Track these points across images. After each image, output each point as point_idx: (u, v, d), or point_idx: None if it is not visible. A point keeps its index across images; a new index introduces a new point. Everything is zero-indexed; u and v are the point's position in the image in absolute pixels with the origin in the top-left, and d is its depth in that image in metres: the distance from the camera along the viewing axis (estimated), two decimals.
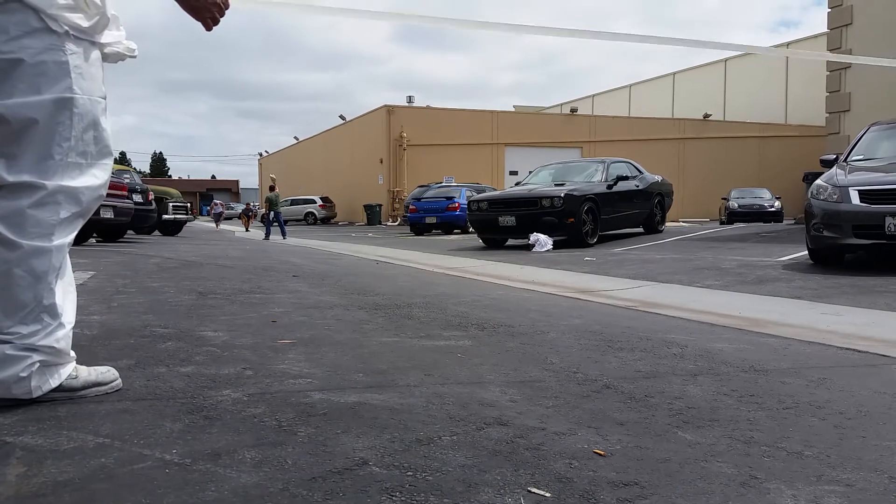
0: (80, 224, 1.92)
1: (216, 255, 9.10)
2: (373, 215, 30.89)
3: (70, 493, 1.30)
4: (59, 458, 1.47)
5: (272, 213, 18.11)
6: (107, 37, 1.96)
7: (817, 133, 26.49)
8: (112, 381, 2.01)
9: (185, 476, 1.39)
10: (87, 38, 1.87)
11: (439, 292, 5.03)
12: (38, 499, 1.27)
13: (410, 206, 21.14)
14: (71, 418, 1.74)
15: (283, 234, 17.98)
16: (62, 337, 1.85)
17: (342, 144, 39.14)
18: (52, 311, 1.82)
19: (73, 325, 1.92)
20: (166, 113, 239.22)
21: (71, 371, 1.91)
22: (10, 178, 1.77)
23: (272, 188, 18.36)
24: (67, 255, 1.94)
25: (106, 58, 2.01)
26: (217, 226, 30.94)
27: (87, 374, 1.96)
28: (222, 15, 2.06)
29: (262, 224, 21.78)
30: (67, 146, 1.82)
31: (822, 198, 6.47)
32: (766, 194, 26.66)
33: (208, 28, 2.07)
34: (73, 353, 1.94)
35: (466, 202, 14.36)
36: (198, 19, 2.04)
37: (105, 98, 1.96)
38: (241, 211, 32.55)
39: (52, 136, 1.80)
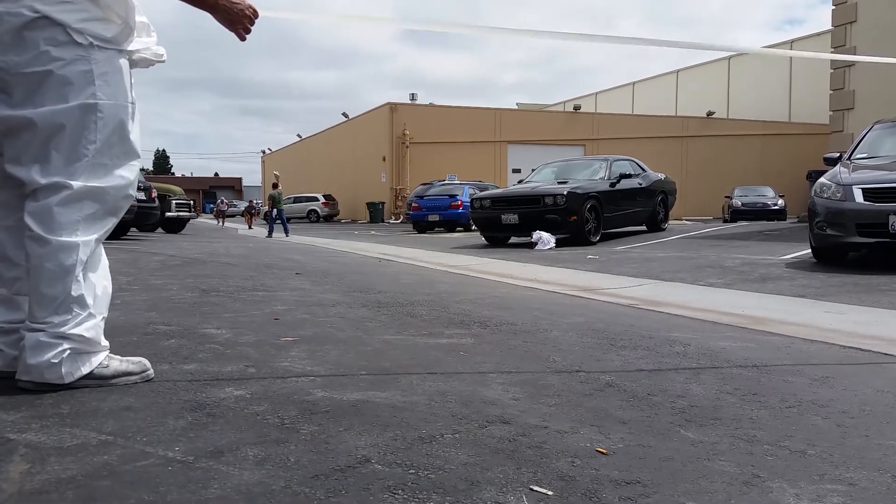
0: (109, 221, 2.05)
1: (219, 252, 9.11)
2: (375, 213, 30.88)
3: (73, 490, 1.30)
4: (62, 456, 1.47)
5: (275, 210, 18.13)
6: (135, 44, 2.08)
7: (821, 131, 26.41)
8: (143, 372, 2.12)
9: (187, 473, 1.39)
10: (112, 47, 1.99)
11: (442, 290, 5.03)
12: (41, 496, 1.28)
13: (413, 204, 21.13)
14: (74, 416, 1.74)
15: (286, 231, 17.96)
16: (92, 326, 1.97)
17: (345, 142, 39.13)
18: (81, 302, 1.94)
19: (104, 316, 2.04)
20: (170, 111, 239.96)
21: (103, 360, 2.02)
22: (43, 181, 1.91)
23: (275, 186, 18.36)
24: (103, 251, 2.08)
25: (135, 64, 2.12)
26: (219, 223, 30.22)
27: (119, 363, 2.07)
28: (253, 24, 2.19)
29: (265, 221, 21.80)
30: (94, 148, 1.96)
31: (825, 196, 6.45)
32: (770, 192, 26.63)
33: (242, 38, 2.22)
34: (105, 343, 2.05)
35: (469, 200, 14.35)
36: (232, 31, 2.17)
37: (133, 103, 2.08)
38: (244, 208, 32.34)
39: (79, 139, 1.93)
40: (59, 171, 1.91)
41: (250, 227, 25.24)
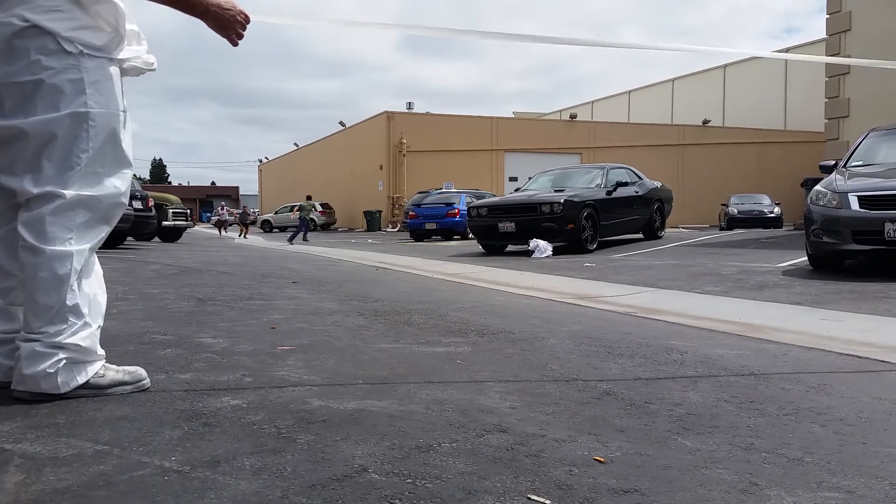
0: (103, 230, 2.04)
1: (216, 261, 9.09)
2: (372, 221, 30.88)
3: (69, 500, 1.30)
4: (58, 466, 1.46)
5: (302, 217, 20.05)
6: (125, 52, 2.07)
7: (816, 139, 26.50)
8: (139, 381, 2.10)
9: (184, 483, 1.38)
10: (102, 55, 1.98)
11: (439, 298, 5.03)
12: None
13: (410, 213, 21.17)
14: (70, 425, 1.74)
15: (292, 239, 18.86)
16: (87, 336, 1.96)
17: (342, 151, 39.17)
18: (77, 312, 1.93)
19: (100, 325, 2.03)
20: (169, 120, 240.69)
21: (98, 369, 2.01)
22: (36, 191, 1.90)
23: (309, 198, 21.21)
24: (96, 259, 2.06)
25: (125, 72, 2.11)
26: (220, 233, 27.81)
27: (115, 372, 2.06)
28: (244, 29, 2.17)
29: (262, 230, 22.36)
30: (86, 157, 1.95)
31: (821, 203, 6.47)
32: (766, 200, 26.69)
33: (234, 44, 2.19)
34: (101, 352, 2.04)
35: (466, 208, 14.36)
36: (224, 36, 2.15)
37: (125, 111, 2.07)
38: (237, 215, 31.16)
39: (72, 148, 1.92)
40: (52, 180, 1.90)
41: (245, 237, 24.81)
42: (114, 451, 1.56)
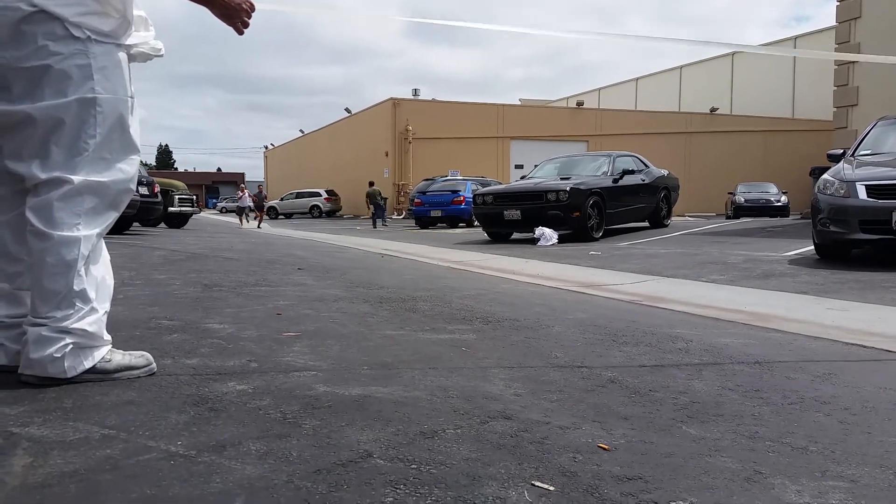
0: (111, 215, 2.05)
1: (222, 247, 9.11)
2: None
3: (76, 483, 1.31)
4: (65, 449, 1.48)
5: (374, 205, 21.37)
6: (133, 38, 2.07)
7: (824, 127, 26.32)
8: (146, 366, 2.11)
9: (190, 467, 1.39)
10: (110, 41, 1.98)
11: (444, 286, 5.03)
12: (44, 489, 1.28)
13: (416, 200, 21.19)
14: (77, 410, 1.75)
15: (379, 223, 20.99)
16: (94, 321, 1.96)
17: (347, 138, 39.09)
18: (84, 297, 1.94)
19: (107, 310, 2.04)
20: (175, 106, 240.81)
21: (105, 354, 2.02)
22: (44, 176, 1.90)
23: (371, 184, 22.33)
24: (103, 245, 2.07)
25: (133, 58, 2.11)
26: (242, 222, 24.39)
27: (121, 357, 2.07)
28: (250, 17, 2.17)
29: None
30: (94, 143, 1.95)
31: (828, 192, 6.44)
32: (773, 189, 26.56)
33: (240, 32, 2.19)
34: (107, 337, 2.04)
35: (472, 196, 14.35)
36: (230, 24, 2.15)
37: (132, 97, 2.07)
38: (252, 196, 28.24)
39: (79, 133, 1.92)
40: (60, 165, 1.91)
41: (259, 225, 22.51)
42: (120, 435, 1.57)
